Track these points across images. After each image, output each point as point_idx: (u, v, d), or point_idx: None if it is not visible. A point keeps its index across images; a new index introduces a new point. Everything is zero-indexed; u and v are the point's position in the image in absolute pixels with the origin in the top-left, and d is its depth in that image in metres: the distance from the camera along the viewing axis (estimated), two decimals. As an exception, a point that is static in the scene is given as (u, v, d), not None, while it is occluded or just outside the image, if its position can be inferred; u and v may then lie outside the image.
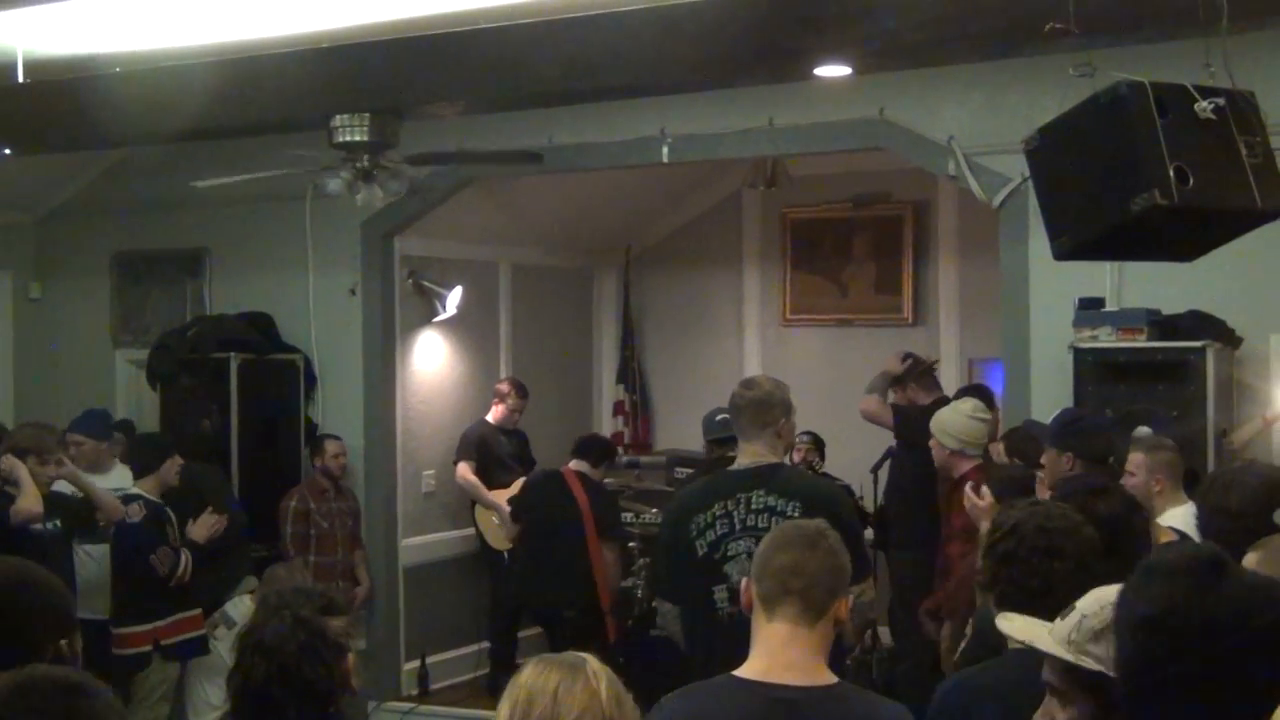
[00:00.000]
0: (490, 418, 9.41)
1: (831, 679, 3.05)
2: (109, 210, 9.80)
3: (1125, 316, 6.72)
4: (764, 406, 4.97)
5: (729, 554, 4.76)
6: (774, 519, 4.69)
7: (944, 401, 7.42)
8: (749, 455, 4.98)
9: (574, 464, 8.40)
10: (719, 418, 7.48)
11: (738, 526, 4.78)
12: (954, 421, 6.46)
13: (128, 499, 7.13)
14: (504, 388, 9.48)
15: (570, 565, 8.09)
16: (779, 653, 3.01)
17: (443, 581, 9.38)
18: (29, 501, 6.56)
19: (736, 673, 3.07)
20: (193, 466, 7.72)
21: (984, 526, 4.09)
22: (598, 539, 8.01)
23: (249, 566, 8.10)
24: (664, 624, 5.11)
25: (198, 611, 7.31)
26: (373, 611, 8.92)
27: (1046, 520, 3.29)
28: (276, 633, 3.05)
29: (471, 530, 9.39)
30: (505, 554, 9.08)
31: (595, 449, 8.56)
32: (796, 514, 4.70)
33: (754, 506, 4.81)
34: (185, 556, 7.19)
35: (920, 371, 8.18)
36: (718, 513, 4.82)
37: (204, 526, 7.50)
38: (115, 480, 7.42)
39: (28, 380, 9.89)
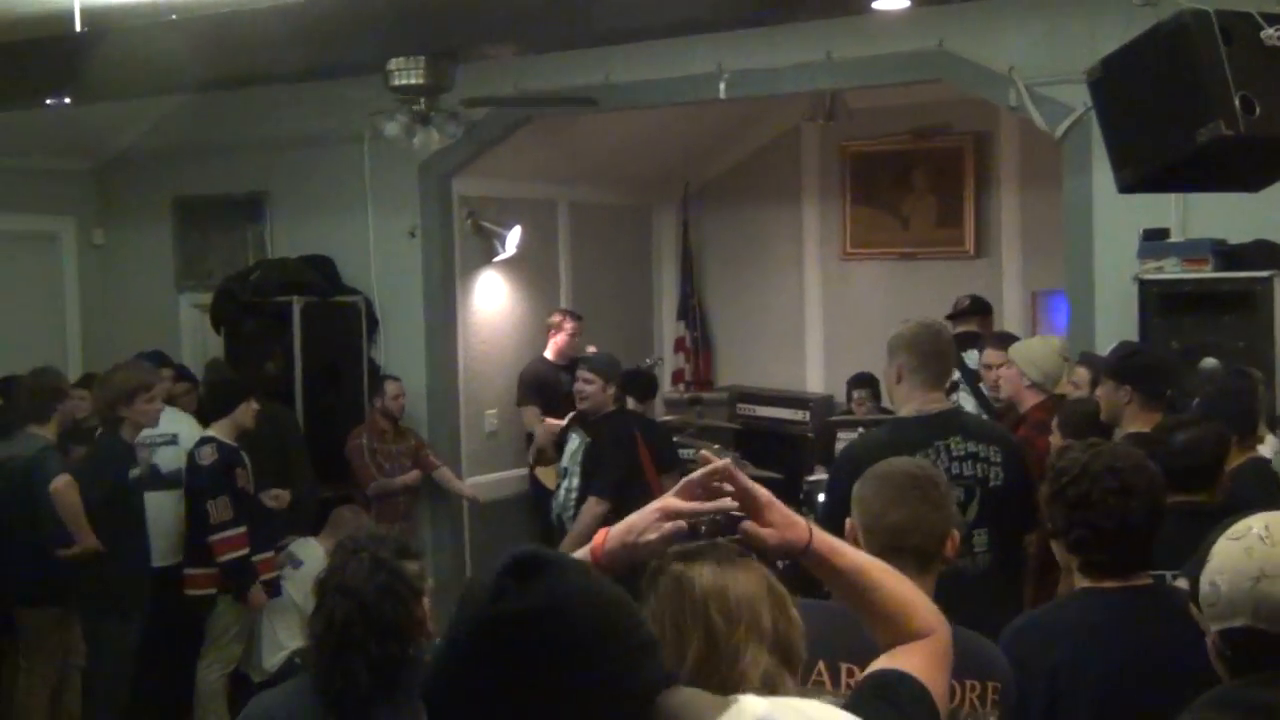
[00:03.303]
0: (549, 353, 9.37)
1: None
2: (169, 156, 9.85)
3: (1190, 247, 6.63)
4: (954, 354, 4.85)
5: None
6: (979, 465, 4.55)
7: None
8: (932, 401, 4.73)
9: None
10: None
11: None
12: (1044, 356, 6.38)
13: (201, 441, 7.16)
14: (556, 318, 9.40)
15: (630, 506, 8.08)
16: None
17: (506, 519, 9.43)
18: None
19: None
20: (272, 409, 7.76)
21: None
22: (657, 475, 8.01)
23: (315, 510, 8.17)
24: None
25: (269, 555, 7.33)
26: (439, 550, 8.99)
27: (1114, 460, 3.24)
28: (357, 574, 3.11)
29: (534, 468, 9.40)
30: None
31: (639, 384, 8.49)
32: (999, 459, 4.59)
33: (955, 454, 4.58)
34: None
35: None
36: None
37: (270, 499, 7.59)
38: (165, 424, 7.36)
39: (94, 326, 10.01)
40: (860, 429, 7.74)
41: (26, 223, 9.73)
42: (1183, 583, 2.72)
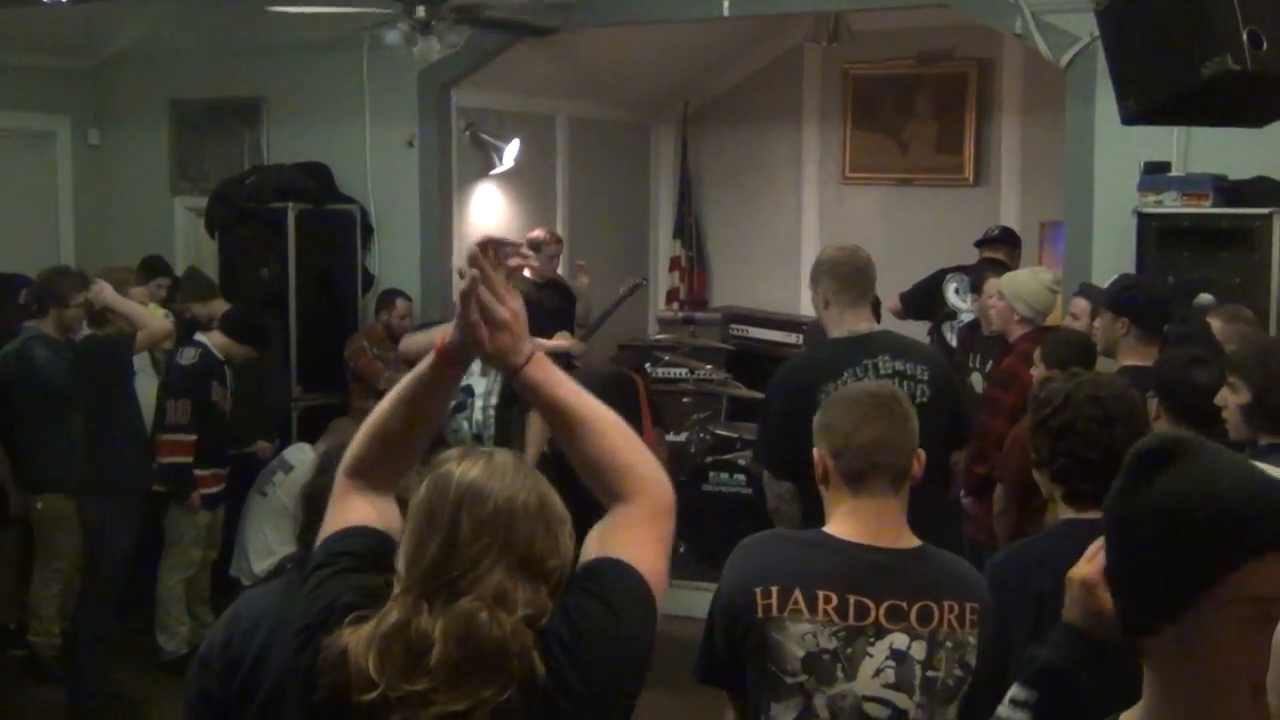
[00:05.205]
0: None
1: (915, 541, 3.06)
2: (167, 57, 9.76)
3: (1191, 182, 6.62)
4: (873, 273, 4.90)
5: None
6: (905, 383, 4.58)
7: None
8: (860, 321, 4.84)
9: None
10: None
11: None
12: (1033, 290, 6.36)
13: (191, 342, 7.22)
14: (541, 234, 8.90)
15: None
16: (867, 521, 3.01)
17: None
18: (150, 321, 6.75)
19: (825, 529, 3.07)
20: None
21: None
22: (653, 429, 7.99)
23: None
24: (778, 505, 4.75)
25: (220, 471, 7.35)
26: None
27: (1096, 389, 3.23)
28: None
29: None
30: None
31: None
32: (925, 377, 4.68)
33: (883, 372, 4.65)
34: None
35: None
36: (848, 380, 4.59)
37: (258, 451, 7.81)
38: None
39: (87, 227, 9.96)
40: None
41: (22, 121, 9.65)
42: None
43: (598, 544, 2.25)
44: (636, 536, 2.25)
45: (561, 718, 2.10)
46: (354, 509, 2.34)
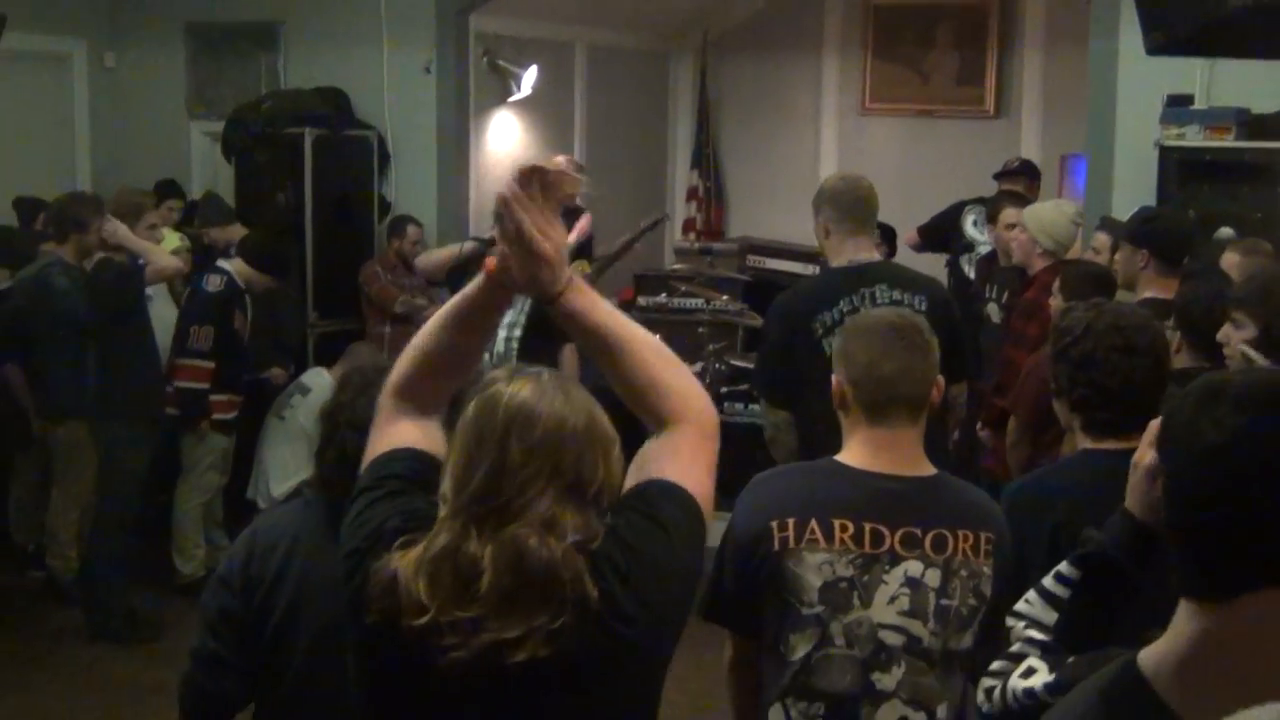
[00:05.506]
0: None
1: (931, 470, 3.06)
2: (183, -21, 9.71)
3: (1214, 115, 6.57)
4: (875, 203, 4.88)
5: None
6: None
7: None
8: (860, 251, 4.85)
9: None
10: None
11: None
12: (1056, 223, 6.32)
13: (214, 269, 7.24)
14: (562, 162, 9.11)
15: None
16: (884, 450, 3.01)
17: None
18: (162, 259, 6.71)
19: (839, 459, 3.07)
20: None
21: None
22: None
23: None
24: (774, 434, 4.80)
25: (236, 398, 7.38)
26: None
27: (1118, 319, 3.23)
28: (368, 410, 3.11)
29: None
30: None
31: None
32: (923, 308, 4.63)
33: (879, 301, 4.66)
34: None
35: None
36: (845, 309, 4.63)
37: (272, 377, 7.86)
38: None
39: (103, 150, 9.93)
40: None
41: (38, 43, 9.59)
42: None
43: (645, 467, 2.24)
44: (684, 458, 2.24)
45: (616, 642, 2.09)
46: (399, 431, 2.32)
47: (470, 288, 2.29)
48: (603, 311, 2.27)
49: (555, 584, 2.03)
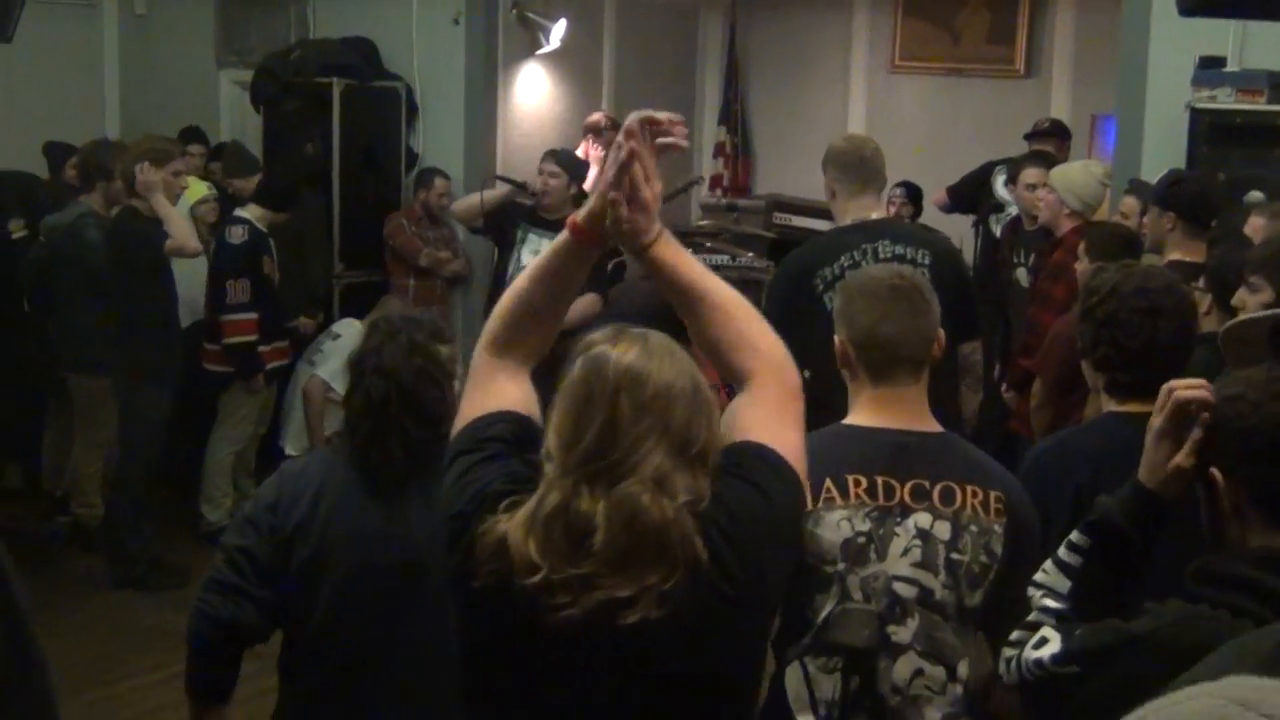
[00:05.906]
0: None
1: (938, 427, 3.06)
2: (214, -73, 9.69)
3: (1246, 78, 6.51)
4: (879, 163, 4.90)
5: None
6: (904, 267, 4.57)
7: None
8: (864, 209, 4.87)
9: None
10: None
11: None
12: (1085, 184, 6.30)
13: (234, 220, 7.23)
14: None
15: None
16: (890, 407, 3.02)
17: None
18: (182, 235, 6.72)
19: (845, 422, 3.08)
20: (303, 199, 7.83)
21: None
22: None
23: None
24: None
25: (281, 345, 7.44)
26: (469, 335, 9.01)
27: (1145, 280, 3.25)
28: (394, 356, 3.15)
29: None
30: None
31: None
32: (926, 261, 4.66)
33: (882, 256, 4.67)
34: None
35: None
36: (845, 264, 4.64)
37: (300, 325, 7.90)
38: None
39: (133, 98, 9.94)
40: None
41: (69, -11, 9.62)
42: None
43: (734, 427, 2.24)
44: (773, 418, 2.25)
45: (725, 603, 2.09)
46: (496, 388, 2.34)
47: (559, 240, 2.34)
48: (691, 265, 2.29)
49: (667, 543, 2.02)
